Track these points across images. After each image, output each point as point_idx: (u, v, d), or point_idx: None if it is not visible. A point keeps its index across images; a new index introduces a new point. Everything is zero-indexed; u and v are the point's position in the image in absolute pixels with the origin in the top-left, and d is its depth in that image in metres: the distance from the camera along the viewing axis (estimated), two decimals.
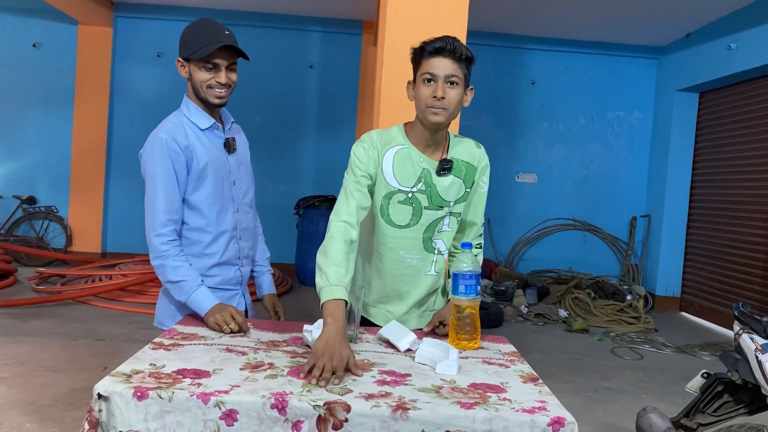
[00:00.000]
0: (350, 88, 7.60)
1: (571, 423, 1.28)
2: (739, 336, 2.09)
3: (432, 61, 1.74)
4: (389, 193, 1.85)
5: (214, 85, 1.89)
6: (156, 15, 7.39)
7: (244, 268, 2.09)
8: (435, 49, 1.74)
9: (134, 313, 5.31)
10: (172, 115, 1.96)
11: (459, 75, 1.75)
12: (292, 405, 1.26)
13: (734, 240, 6.29)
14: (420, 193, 1.85)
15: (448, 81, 1.74)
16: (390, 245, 1.88)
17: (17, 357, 3.94)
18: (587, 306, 6.38)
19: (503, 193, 7.66)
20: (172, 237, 1.88)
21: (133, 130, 7.42)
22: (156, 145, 1.87)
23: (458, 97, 1.77)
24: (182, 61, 1.91)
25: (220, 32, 1.87)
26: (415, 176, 1.84)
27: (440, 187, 1.86)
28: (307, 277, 6.81)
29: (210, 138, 1.96)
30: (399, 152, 1.84)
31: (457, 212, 1.93)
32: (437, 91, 1.73)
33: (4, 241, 7.05)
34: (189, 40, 1.87)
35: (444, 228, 1.92)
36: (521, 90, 7.67)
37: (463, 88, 1.78)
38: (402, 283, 1.93)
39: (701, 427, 2.24)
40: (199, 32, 1.87)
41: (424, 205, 1.86)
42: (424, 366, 1.57)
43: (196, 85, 1.90)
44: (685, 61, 6.95)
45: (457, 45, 1.74)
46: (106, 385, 1.29)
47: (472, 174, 1.92)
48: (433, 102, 1.74)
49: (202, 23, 1.89)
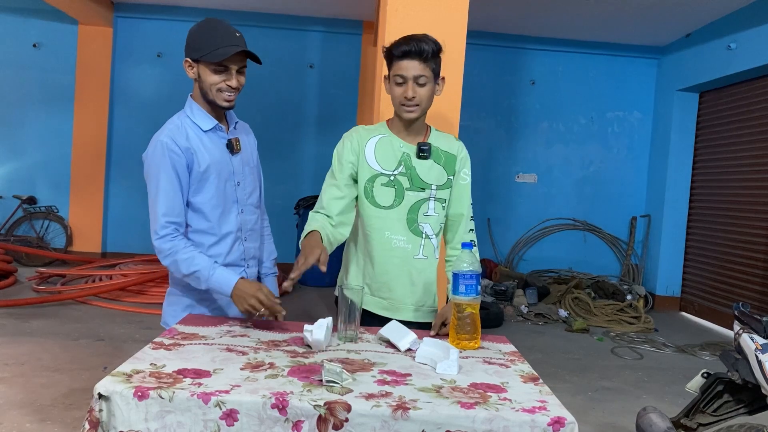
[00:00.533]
0: (350, 88, 7.61)
1: (571, 423, 1.28)
2: (739, 336, 2.09)
3: (401, 63, 1.89)
4: (372, 176, 1.98)
5: (224, 89, 1.87)
6: (156, 15, 7.39)
7: (250, 269, 2.06)
8: (402, 52, 1.88)
9: (134, 313, 5.31)
10: (175, 117, 1.94)
11: (427, 73, 1.90)
12: (293, 405, 1.26)
13: (734, 240, 6.29)
14: (401, 176, 1.98)
15: (417, 81, 1.90)
16: (376, 225, 1.99)
17: (17, 357, 3.94)
18: (587, 306, 6.38)
19: (503, 193, 7.66)
20: (174, 234, 1.85)
21: (133, 130, 7.43)
22: (157, 147, 1.85)
23: (428, 93, 1.93)
24: (191, 61, 1.88)
25: (232, 34, 1.84)
26: (395, 160, 1.99)
27: (420, 170, 1.99)
28: (308, 277, 6.83)
29: (213, 139, 1.94)
30: (381, 140, 2.01)
31: (442, 198, 2.03)
32: (407, 92, 1.90)
33: (4, 241, 7.05)
34: (199, 41, 1.84)
35: (429, 212, 2.01)
36: (521, 90, 7.68)
37: (432, 83, 1.93)
38: (392, 266, 2.00)
39: (701, 427, 2.23)
40: (210, 33, 1.83)
41: (406, 187, 1.98)
42: (424, 366, 1.57)
43: (205, 88, 1.88)
44: (685, 61, 6.95)
45: (423, 46, 1.87)
46: (106, 384, 1.29)
47: (452, 163, 2.04)
48: (406, 101, 1.91)
49: (213, 24, 1.86)
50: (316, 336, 1.62)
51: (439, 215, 2.03)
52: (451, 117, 2.92)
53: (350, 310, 1.74)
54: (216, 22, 1.87)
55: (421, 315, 2.06)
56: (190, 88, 2.00)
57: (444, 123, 2.85)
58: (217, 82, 1.86)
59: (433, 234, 2.02)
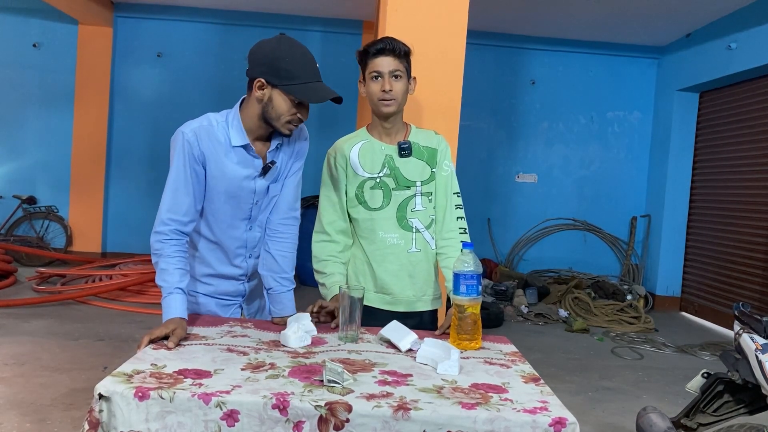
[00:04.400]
0: (350, 88, 7.59)
1: (572, 423, 1.28)
2: (740, 336, 2.09)
3: (376, 60, 1.99)
4: (361, 183, 2.07)
5: (294, 121, 1.79)
6: (156, 15, 7.38)
7: (250, 283, 2.02)
8: (377, 50, 1.98)
9: (134, 313, 5.31)
10: (217, 115, 1.85)
11: (401, 69, 2.00)
12: (294, 405, 1.26)
13: (734, 240, 6.29)
14: (386, 177, 2.06)
15: (393, 75, 1.99)
16: (369, 227, 2.07)
17: (17, 357, 3.94)
18: (587, 306, 6.38)
19: (503, 193, 7.66)
20: (169, 236, 1.77)
21: (133, 130, 7.42)
22: (178, 140, 1.79)
23: (404, 88, 2.02)
24: (264, 83, 1.73)
25: (316, 67, 1.75)
26: (379, 163, 2.06)
27: (403, 169, 2.07)
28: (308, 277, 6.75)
29: (239, 155, 1.83)
30: (363, 146, 2.09)
31: (428, 192, 2.09)
32: (385, 85, 1.98)
33: (4, 241, 7.05)
34: (285, 68, 1.70)
35: (417, 207, 2.08)
36: (521, 90, 7.67)
37: (406, 79, 2.02)
38: (390, 263, 2.07)
39: (701, 427, 2.23)
40: (297, 61, 1.72)
41: (392, 187, 2.06)
42: (425, 366, 1.57)
43: (275, 114, 1.76)
44: (685, 61, 6.95)
45: (396, 44, 1.98)
46: (107, 385, 1.29)
47: (434, 156, 2.11)
48: (383, 95, 1.99)
49: (297, 50, 1.74)
50: (284, 332, 1.68)
51: (427, 208, 2.10)
52: (451, 117, 2.92)
53: (351, 311, 1.74)
54: (299, 48, 1.75)
55: (422, 305, 2.13)
56: (189, 88, 2.00)
57: (444, 123, 2.85)
58: (292, 113, 1.76)
59: (423, 227, 2.09)
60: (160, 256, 1.77)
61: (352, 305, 1.74)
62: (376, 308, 2.07)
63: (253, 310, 2.11)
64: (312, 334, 1.74)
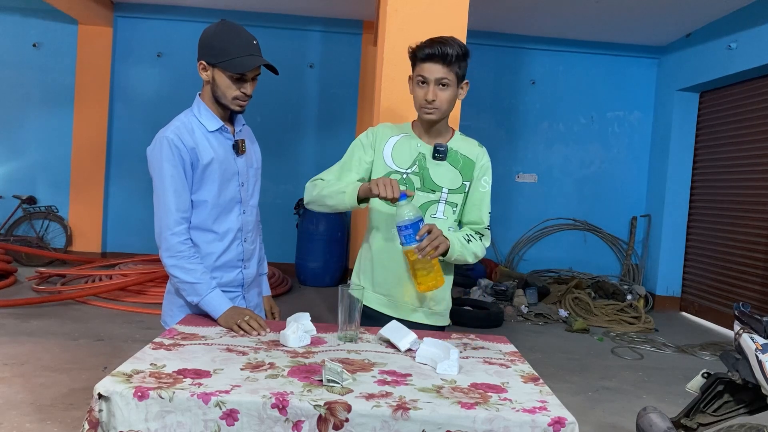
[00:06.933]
0: (350, 88, 7.61)
1: (571, 423, 1.28)
2: (740, 336, 2.09)
3: (424, 65, 1.88)
4: (386, 174, 1.97)
5: (239, 96, 1.88)
6: (156, 15, 7.38)
7: (247, 270, 2.07)
8: (425, 55, 1.87)
9: (134, 313, 5.31)
10: (182, 115, 1.95)
11: (450, 77, 1.88)
12: (293, 405, 1.26)
13: (734, 240, 6.29)
14: (414, 175, 1.97)
15: (439, 83, 1.88)
16: (384, 219, 1.99)
17: (17, 357, 3.94)
18: (587, 306, 6.38)
19: (503, 193, 7.65)
20: (187, 236, 1.88)
21: (133, 130, 7.43)
22: (164, 143, 1.86)
23: (450, 97, 1.91)
24: (205, 64, 1.87)
25: (251, 42, 1.85)
26: (410, 159, 1.98)
27: (433, 172, 1.98)
28: (308, 277, 6.81)
29: (218, 139, 1.95)
30: (401, 139, 2.01)
31: (453, 202, 2.00)
32: (428, 95, 1.88)
33: (4, 241, 7.05)
34: (217, 46, 1.83)
35: (438, 214, 1.98)
36: (521, 90, 7.68)
37: (455, 86, 1.91)
38: (393, 261, 1.98)
39: (701, 427, 2.24)
40: (229, 39, 1.83)
41: (417, 187, 1.97)
42: (424, 366, 1.57)
43: (219, 92, 1.89)
44: (685, 61, 6.95)
45: (447, 49, 1.84)
46: (106, 385, 1.29)
47: (470, 169, 2.02)
48: (426, 105, 1.90)
49: (231, 29, 1.85)
50: (284, 331, 1.68)
51: (448, 219, 1.99)
52: (452, 117, 2.91)
53: (350, 310, 1.74)
54: (235, 28, 1.86)
55: (419, 316, 2.02)
56: (189, 88, 2.00)
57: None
58: (233, 89, 1.87)
59: None
60: (183, 258, 1.86)
61: (351, 305, 1.74)
62: (375, 310, 2.03)
63: (252, 304, 2.13)
64: (311, 334, 1.75)
